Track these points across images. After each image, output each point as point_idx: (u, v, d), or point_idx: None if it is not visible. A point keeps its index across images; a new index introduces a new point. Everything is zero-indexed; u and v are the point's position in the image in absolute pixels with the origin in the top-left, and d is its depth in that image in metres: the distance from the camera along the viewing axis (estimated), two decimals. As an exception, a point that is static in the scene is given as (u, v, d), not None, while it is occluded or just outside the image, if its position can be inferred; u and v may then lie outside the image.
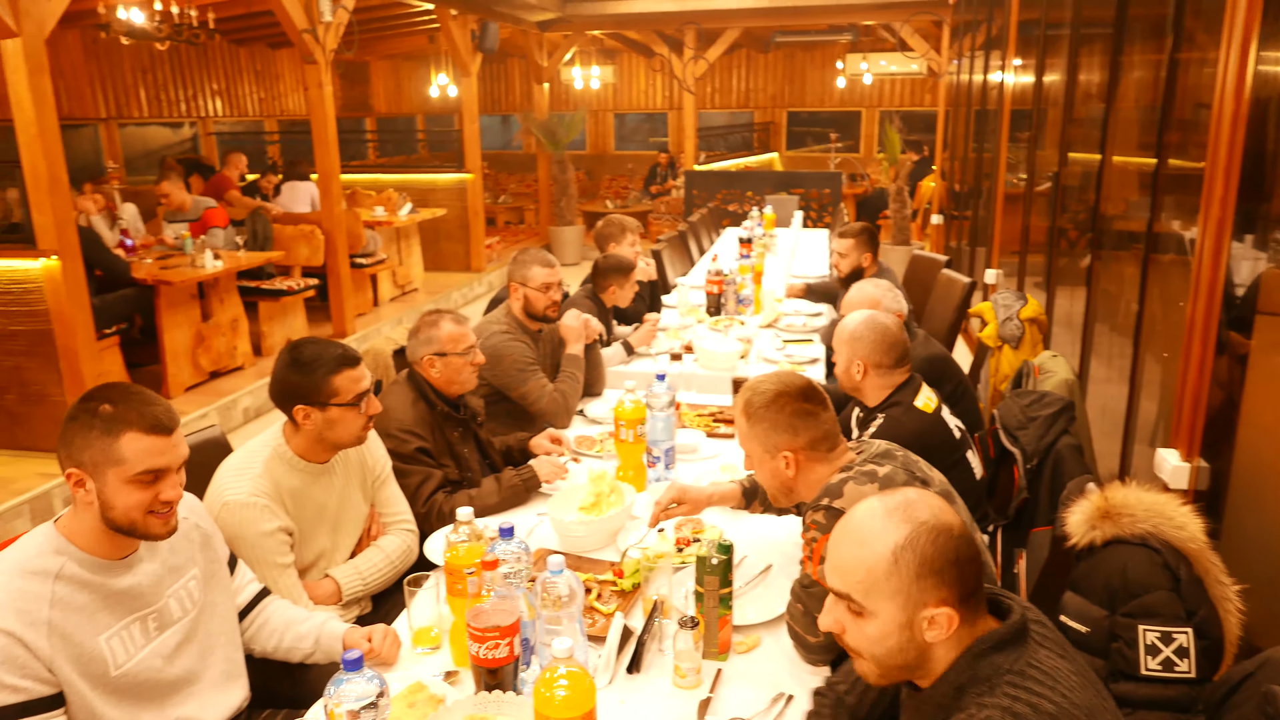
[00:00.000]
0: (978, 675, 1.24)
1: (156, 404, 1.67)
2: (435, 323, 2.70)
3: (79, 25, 8.35)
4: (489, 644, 1.62)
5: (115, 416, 1.62)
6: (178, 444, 1.68)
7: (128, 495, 1.62)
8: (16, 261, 4.58)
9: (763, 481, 2.02)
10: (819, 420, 1.93)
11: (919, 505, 1.29)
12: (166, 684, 1.77)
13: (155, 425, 1.64)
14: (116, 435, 1.61)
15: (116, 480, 1.61)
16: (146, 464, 1.62)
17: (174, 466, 1.67)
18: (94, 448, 1.61)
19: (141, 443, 1.62)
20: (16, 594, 1.57)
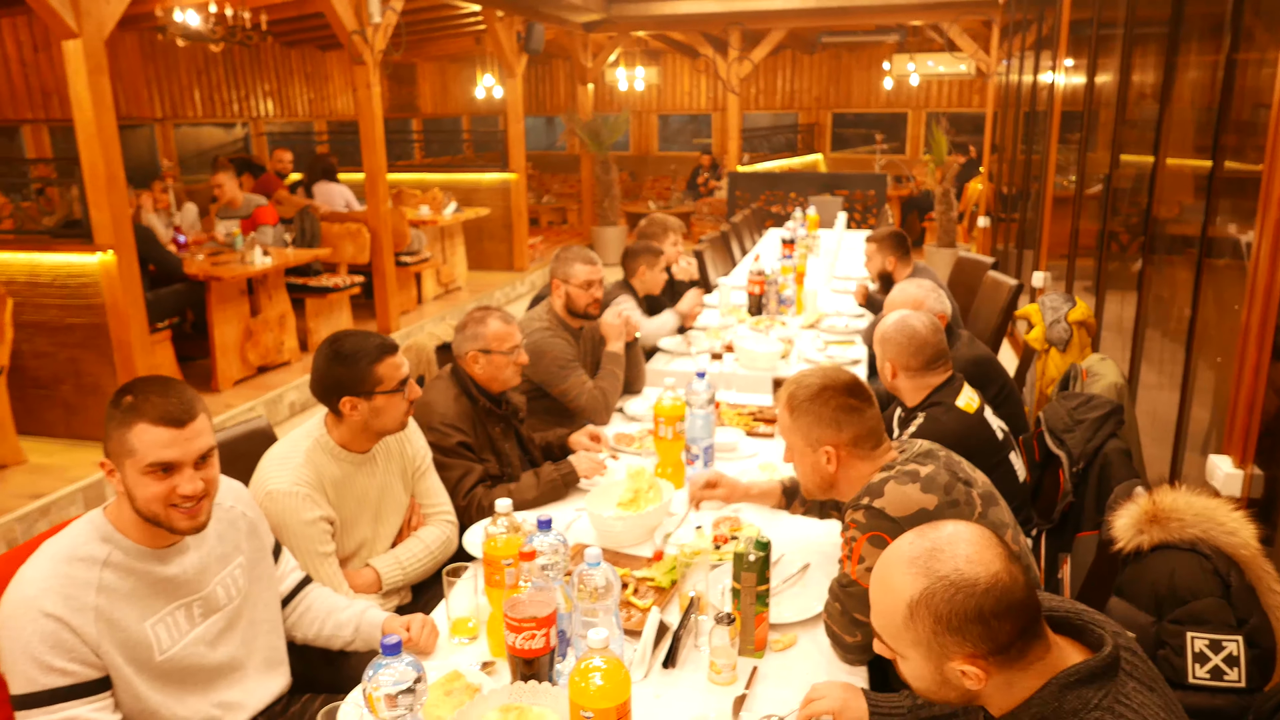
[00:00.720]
0: (1063, 709, 1.18)
1: (172, 397, 1.65)
2: (482, 320, 2.72)
3: (137, 28, 8.56)
4: (525, 634, 1.63)
5: (131, 408, 1.63)
6: (191, 438, 1.65)
7: (144, 487, 1.63)
8: (74, 256, 4.70)
9: (802, 476, 2.00)
10: (863, 417, 1.92)
11: (945, 555, 1.22)
12: (210, 669, 1.80)
13: (165, 417, 1.62)
14: (130, 426, 1.62)
15: (133, 471, 1.63)
16: (155, 456, 1.62)
17: (187, 460, 1.65)
18: (113, 438, 1.64)
19: (150, 434, 1.62)
20: (65, 580, 1.60)
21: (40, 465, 4.70)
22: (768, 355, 3.78)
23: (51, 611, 1.56)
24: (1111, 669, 1.20)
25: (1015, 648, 1.19)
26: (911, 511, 1.74)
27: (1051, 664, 1.22)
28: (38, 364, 4.95)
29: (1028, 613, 1.19)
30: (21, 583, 1.60)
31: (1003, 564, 1.19)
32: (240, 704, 1.84)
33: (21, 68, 7.66)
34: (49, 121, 7.90)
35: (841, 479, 1.94)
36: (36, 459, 4.76)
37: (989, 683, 1.21)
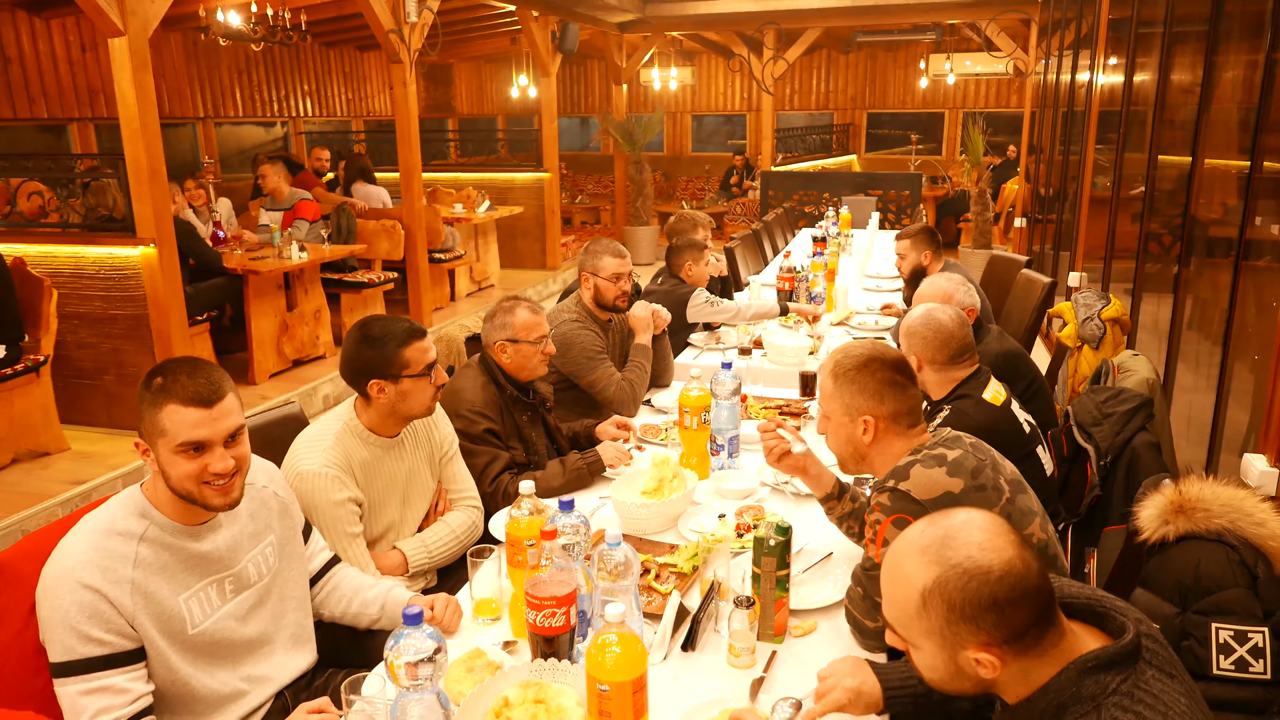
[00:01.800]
0: (1081, 694, 1.17)
1: (200, 377, 1.69)
2: (511, 309, 2.75)
3: (181, 28, 8.74)
4: (546, 612, 1.65)
5: (161, 389, 1.67)
6: (220, 417, 1.69)
7: (177, 466, 1.68)
8: (117, 249, 4.81)
9: (835, 445, 1.99)
10: (906, 394, 1.91)
11: (958, 542, 1.20)
12: (240, 644, 1.84)
13: (194, 398, 1.66)
14: (160, 407, 1.66)
15: (165, 451, 1.67)
16: (186, 436, 1.66)
17: (217, 439, 1.69)
18: (145, 419, 1.69)
19: (180, 415, 1.65)
20: (103, 553, 1.65)
21: (83, 453, 4.82)
22: (796, 350, 3.77)
23: (90, 583, 1.61)
24: (1132, 655, 1.19)
25: (1030, 635, 1.18)
26: (937, 495, 1.73)
27: (1068, 650, 1.21)
28: (81, 354, 5.07)
29: (1042, 600, 1.18)
30: (62, 555, 1.65)
31: (1016, 551, 1.18)
32: (268, 677, 1.89)
33: (69, 67, 7.85)
34: (95, 120, 8.09)
35: (875, 453, 1.93)
36: (79, 447, 4.88)
37: (1004, 671, 1.20)
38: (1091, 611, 1.26)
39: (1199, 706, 1.19)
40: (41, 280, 4.63)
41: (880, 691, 1.56)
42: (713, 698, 1.67)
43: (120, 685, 1.62)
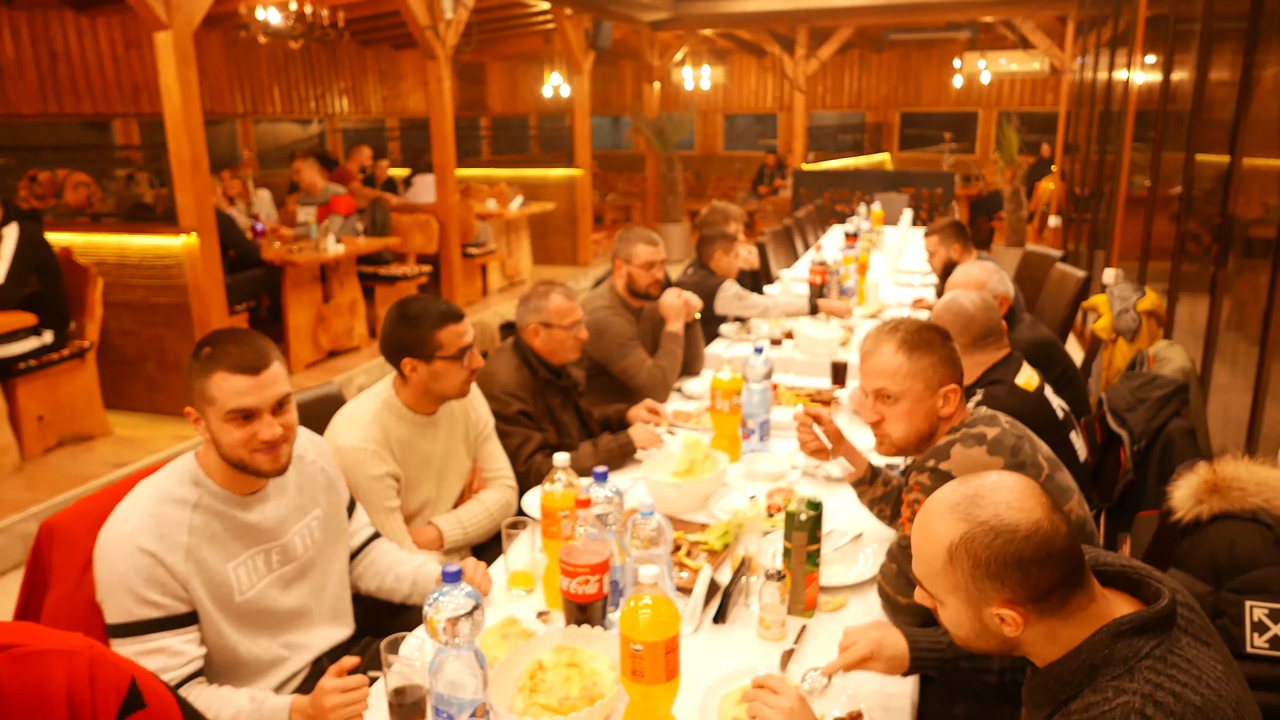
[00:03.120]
0: (1114, 656, 1.17)
1: (247, 346, 1.73)
2: (546, 294, 2.79)
3: (221, 27, 8.90)
4: (580, 579, 1.68)
5: (209, 358, 1.72)
6: (267, 385, 1.72)
7: (227, 433, 1.72)
8: (160, 239, 4.92)
9: (908, 427, 1.90)
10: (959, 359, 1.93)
11: (986, 500, 1.21)
12: (281, 614, 1.88)
13: (241, 366, 1.70)
14: (209, 375, 1.71)
15: (215, 419, 1.72)
16: (234, 403, 1.70)
17: (264, 407, 1.72)
18: (195, 388, 1.74)
19: (228, 382, 1.70)
20: (159, 519, 1.70)
21: (125, 438, 4.93)
22: (828, 341, 3.78)
23: (146, 547, 1.66)
24: (1167, 621, 1.19)
25: (1056, 596, 1.19)
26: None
27: (1098, 614, 1.21)
28: (124, 341, 5.19)
29: (1069, 561, 1.19)
30: (119, 519, 1.70)
31: (1044, 512, 1.19)
32: (307, 646, 1.93)
33: (114, 64, 8.03)
34: (138, 116, 8.26)
35: (944, 427, 1.89)
36: (122, 432, 4.99)
37: (1029, 631, 1.21)
38: (1126, 579, 1.26)
39: (1234, 676, 1.19)
40: (87, 269, 4.74)
41: (906, 648, 1.57)
42: (743, 668, 1.69)
43: (175, 647, 1.67)
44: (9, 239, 4.32)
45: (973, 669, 1.58)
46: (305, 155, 7.08)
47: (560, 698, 1.53)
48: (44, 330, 4.48)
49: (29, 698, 1.10)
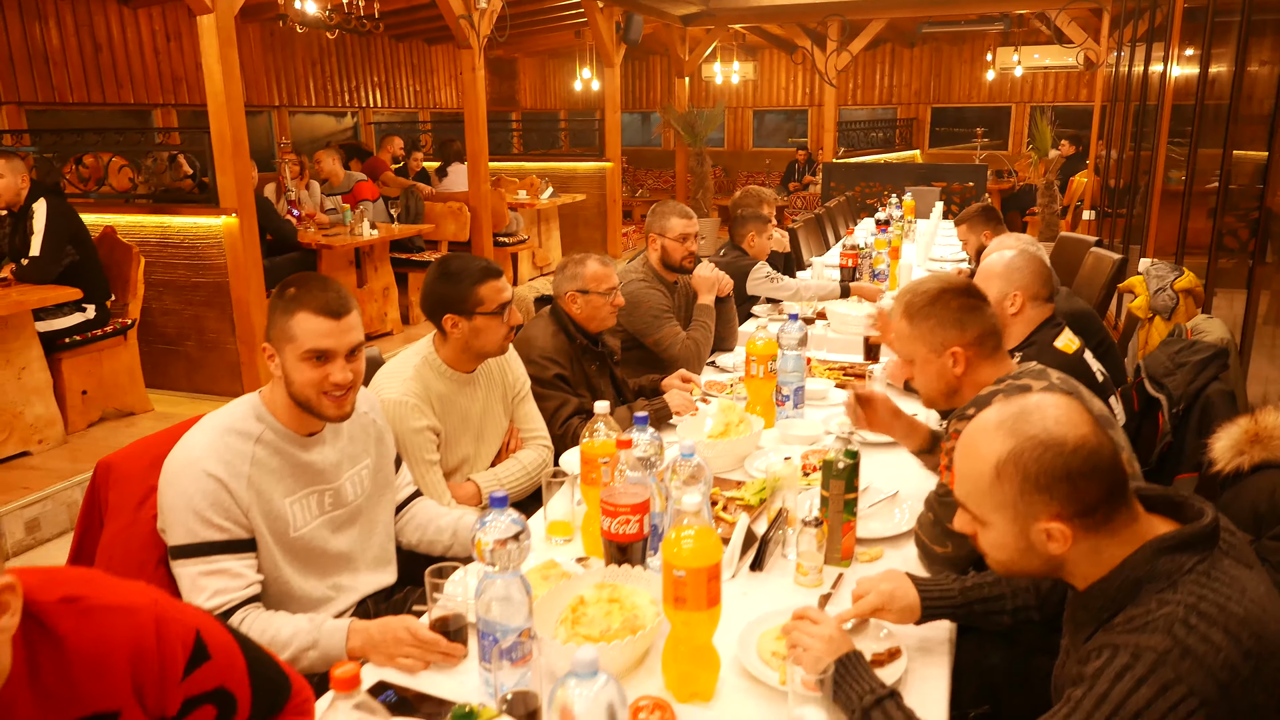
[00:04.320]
0: (1157, 571, 1.18)
1: (331, 291, 1.81)
2: (582, 261, 2.83)
3: (258, 19, 9.04)
4: (620, 519, 1.71)
5: (294, 298, 1.79)
6: (346, 331, 1.79)
7: (302, 372, 1.78)
8: (201, 219, 5.01)
9: (925, 385, 1.96)
10: (984, 315, 1.89)
11: (1032, 417, 1.23)
12: (330, 555, 1.93)
13: (324, 308, 1.77)
14: (292, 314, 1.77)
15: (292, 356, 1.78)
16: (313, 343, 1.76)
17: (340, 350, 1.79)
18: (277, 325, 1.80)
19: (310, 323, 1.76)
20: (224, 449, 1.76)
21: (165, 414, 5.02)
22: (860, 319, 3.78)
23: (213, 472, 1.71)
24: (1210, 538, 1.19)
25: (1101, 511, 1.20)
26: None
27: (1142, 533, 1.22)
28: (165, 320, 5.29)
29: (1115, 476, 1.20)
30: (186, 447, 1.76)
31: (1091, 428, 1.20)
32: (353, 588, 1.97)
33: (154, 55, 8.18)
34: (177, 106, 8.41)
35: (967, 383, 1.90)
36: (162, 409, 5.08)
37: (1074, 549, 1.22)
38: (1169, 502, 1.27)
39: (1276, 597, 1.20)
40: (130, 247, 4.84)
41: (917, 598, 1.59)
42: (782, 608, 1.70)
43: (236, 570, 1.72)
44: (39, 213, 4.42)
45: (985, 611, 1.59)
46: (325, 147, 7.23)
47: (601, 629, 1.56)
48: (86, 305, 4.58)
49: (92, 654, 1.10)
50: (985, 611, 1.59)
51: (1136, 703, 1.08)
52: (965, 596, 1.60)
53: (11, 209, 4.50)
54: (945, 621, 1.69)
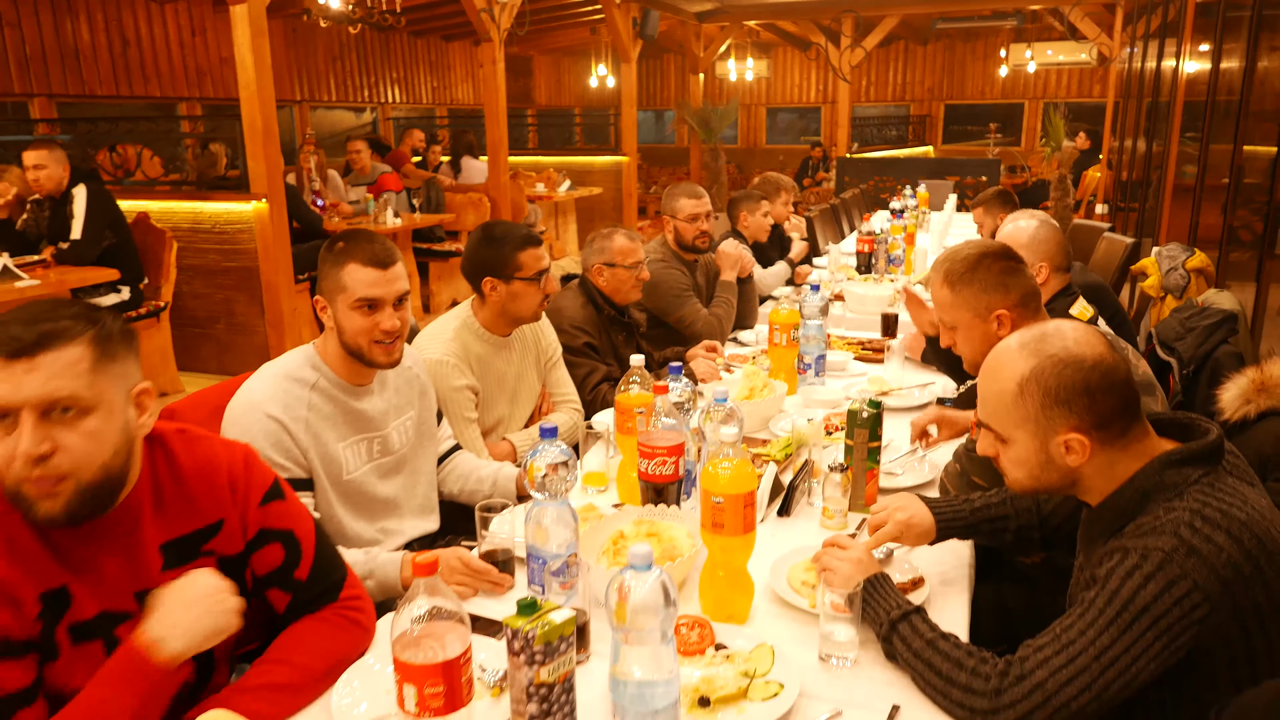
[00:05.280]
0: (1164, 483, 1.27)
1: (377, 244, 1.92)
2: (610, 235, 2.94)
3: (282, 15, 9.18)
4: (657, 460, 1.81)
5: (343, 250, 1.90)
6: (392, 280, 1.90)
7: (353, 320, 1.88)
8: (232, 205, 5.14)
9: (970, 350, 1.97)
10: (1024, 276, 1.93)
11: (1053, 338, 1.32)
12: (378, 500, 2.03)
13: (371, 259, 1.88)
14: (342, 265, 1.89)
15: (344, 306, 1.88)
16: (362, 292, 1.87)
17: (388, 299, 1.89)
18: (328, 277, 1.91)
19: (359, 273, 1.87)
20: (283, 393, 1.87)
21: (195, 395, 5.15)
22: (878, 299, 3.87)
23: (274, 414, 1.82)
24: (1215, 454, 1.29)
25: (1117, 425, 1.30)
26: None
27: (1151, 449, 1.32)
28: (195, 304, 5.42)
29: (1128, 392, 1.30)
30: (248, 392, 1.87)
31: (1106, 348, 1.31)
32: (399, 532, 2.08)
33: (180, 50, 8.33)
34: (202, 99, 8.56)
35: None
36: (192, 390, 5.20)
37: (1090, 463, 1.31)
38: (1176, 424, 1.37)
39: (1276, 509, 1.29)
40: (164, 232, 4.97)
41: (933, 520, 1.68)
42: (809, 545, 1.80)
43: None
44: (79, 198, 4.55)
45: (992, 530, 1.69)
46: (360, 139, 7.34)
47: (642, 558, 1.65)
48: (121, 287, 4.71)
49: (201, 468, 1.38)
50: (992, 530, 1.70)
51: (1145, 598, 1.18)
52: (975, 516, 1.69)
53: (52, 196, 4.64)
54: (966, 554, 1.79)
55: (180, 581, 1.29)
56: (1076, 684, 1.20)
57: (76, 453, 1.17)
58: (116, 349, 1.23)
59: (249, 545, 1.43)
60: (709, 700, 1.33)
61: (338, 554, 1.53)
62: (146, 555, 1.32)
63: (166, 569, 1.34)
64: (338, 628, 1.44)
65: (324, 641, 1.41)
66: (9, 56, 6.96)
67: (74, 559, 1.25)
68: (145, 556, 1.32)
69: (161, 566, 1.34)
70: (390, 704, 1.29)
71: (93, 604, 1.26)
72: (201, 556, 1.38)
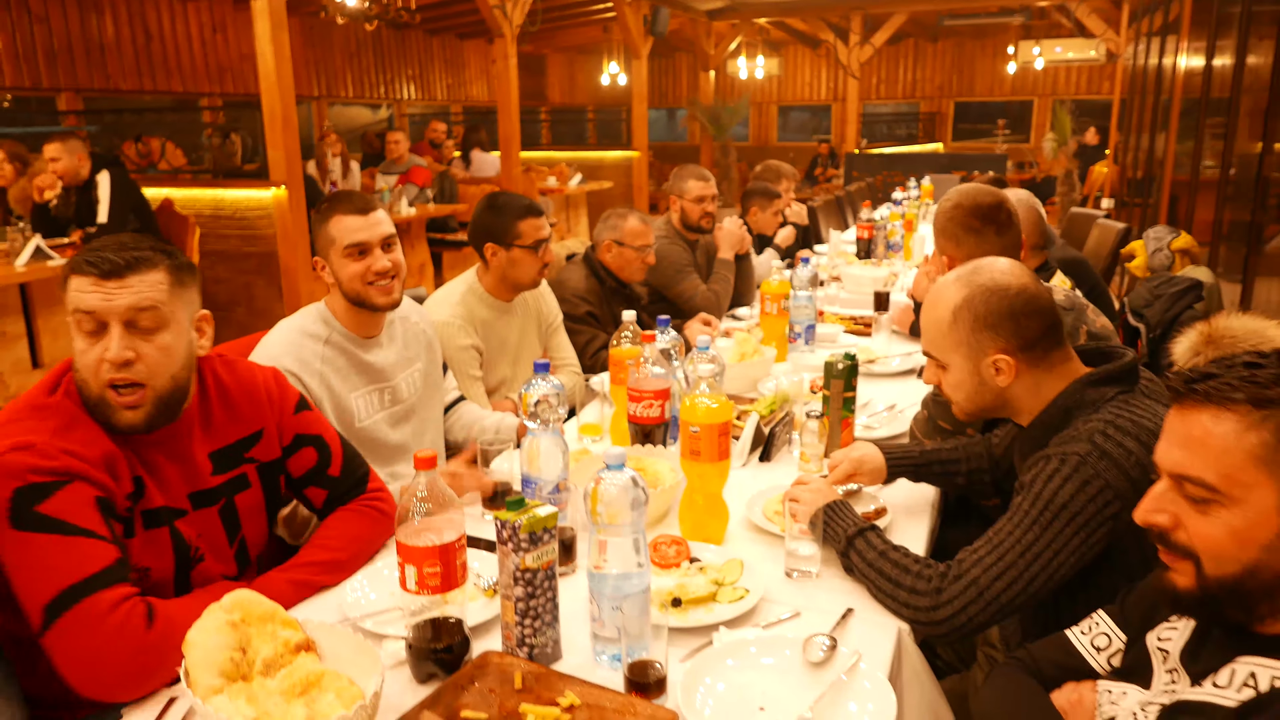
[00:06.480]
0: (1084, 400, 1.42)
1: (357, 196, 2.11)
2: (624, 215, 3.11)
3: (300, 13, 9.39)
4: (645, 403, 1.96)
5: (328, 208, 2.08)
6: (375, 224, 2.05)
7: (346, 268, 2.03)
8: (252, 191, 5.33)
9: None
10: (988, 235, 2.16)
11: (983, 270, 1.48)
12: (390, 446, 2.19)
13: (353, 207, 2.05)
14: (328, 219, 2.05)
15: (337, 256, 2.04)
16: (350, 238, 2.02)
17: (374, 241, 2.04)
18: (320, 235, 2.08)
19: (344, 222, 2.03)
20: (298, 346, 2.03)
21: (216, 376, 5.33)
22: (874, 279, 4.00)
23: (290, 368, 1.97)
24: (1130, 375, 1.44)
25: (1040, 346, 1.45)
26: None
27: (1074, 372, 1.48)
28: (216, 289, 5.61)
29: (1051, 318, 1.45)
30: (266, 345, 2.04)
31: (1032, 280, 1.47)
32: (407, 476, 2.23)
33: (201, 46, 8.55)
34: (223, 95, 8.77)
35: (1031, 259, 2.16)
36: (213, 371, 5.39)
37: (1018, 383, 1.46)
38: (1099, 352, 1.51)
39: None
40: (187, 218, 5.16)
41: (883, 459, 1.83)
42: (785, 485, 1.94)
43: None
44: (103, 184, 4.74)
45: (943, 472, 1.83)
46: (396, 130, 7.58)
47: (628, 489, 1.80)
48: (147, 271, 4.90)
49: (242, 385, 1.61)
50: (943, 472, 1.84)
51: (1063, 497, 1.32)
52: (925, 457, 1.85)
53: (75, 184, 4.84)
54: (931, 495, 1.93)
55: None
56: (1005, 578, 1.34)
57: (152, 362, 1.39)
58: (186, 278, 1.47)
59: (285, 450, 1.66)
60: (680, 601, 1.48)
61: (359, 453, 1.77)
62: (198, 462, 1.54)
63: (215, 474, 1.56)
64: (366, 517, 1.68)
65: (355, 528, 1.65)
66: (38, 51, 7.19)
67: (143, 460, 1.46)
68: (197, 463, 1.53)
69: (211, 472, 1.55)
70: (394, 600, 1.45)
71: (160, 497, 1.47)
72: (244, 463, 1.60)
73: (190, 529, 1.52)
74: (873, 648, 1.36)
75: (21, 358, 4.44)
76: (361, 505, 1.70)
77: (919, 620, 1.41)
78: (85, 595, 1.28)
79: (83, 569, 1.29)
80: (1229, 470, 0.96)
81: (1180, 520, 1.01)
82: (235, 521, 1.61)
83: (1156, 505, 1.03)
